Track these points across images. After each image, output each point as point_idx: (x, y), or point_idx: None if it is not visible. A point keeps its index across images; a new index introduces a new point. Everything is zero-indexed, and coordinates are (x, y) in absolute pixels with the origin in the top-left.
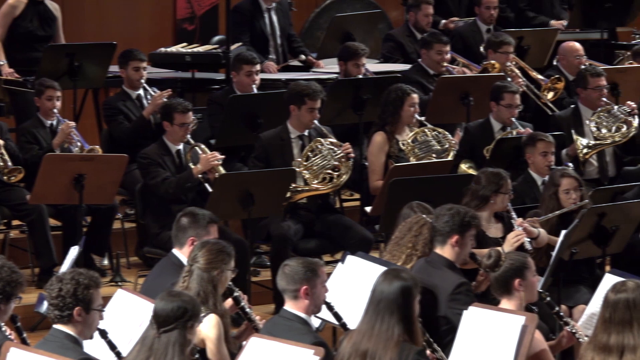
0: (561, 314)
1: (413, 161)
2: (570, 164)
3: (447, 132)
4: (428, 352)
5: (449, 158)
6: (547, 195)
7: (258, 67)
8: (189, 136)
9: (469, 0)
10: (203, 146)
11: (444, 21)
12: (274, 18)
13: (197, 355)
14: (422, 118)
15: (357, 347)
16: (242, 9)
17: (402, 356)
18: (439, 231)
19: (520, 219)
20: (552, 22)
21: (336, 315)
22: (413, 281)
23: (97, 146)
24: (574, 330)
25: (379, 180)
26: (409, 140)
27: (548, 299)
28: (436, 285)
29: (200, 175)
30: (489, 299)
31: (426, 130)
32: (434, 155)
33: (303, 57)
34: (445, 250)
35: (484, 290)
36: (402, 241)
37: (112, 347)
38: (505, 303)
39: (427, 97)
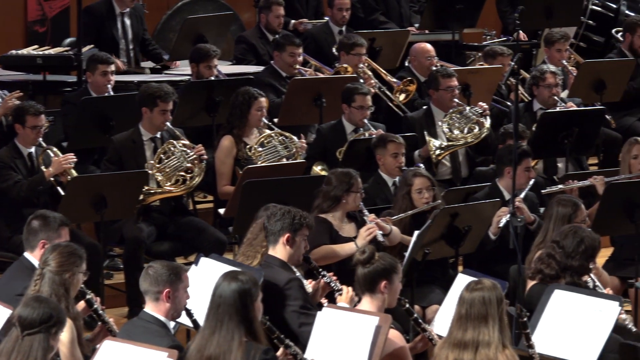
0: (419, 320)
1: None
2: (422, 165)
3: (294, 137)
4: (281, 349)
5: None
6: (400, 195)
7: (113, 67)
8: (40, 139)
9: (316, 1)
10: (55, 149)
11: (293, 22)
12: (127, 22)
13: None
14: (275, 120)
15: (202, 352)
16: (93, 11)
17: (249, 356)
18: (271, 231)
19: (373, 215)
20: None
21: (194, 323)
22: (252, 283)
23: None
24: (430, 337)
25: (227, 185)
26: (256, 145)
27: (407, 305)
28: (273, 284)
29: (52, 178)
30: None
31: (273, 134)
32: (284, 159)
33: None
34: (278, 250)
35: None
36: (255, 241)
37: None
38: (366, 302)
39: (279, 100)
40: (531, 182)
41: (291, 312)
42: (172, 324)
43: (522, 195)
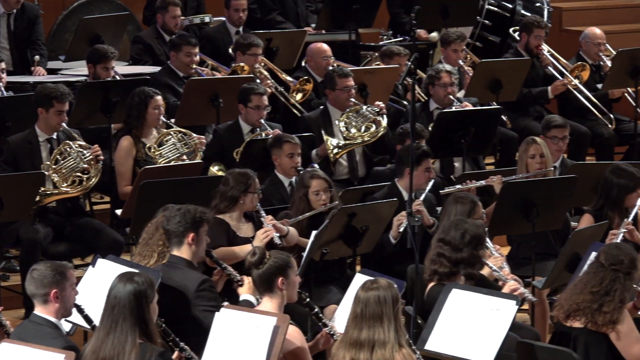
0: (320, 315)
1: (162, 164)
2: (317, 165)
3: (192, 133)
4: (176, 352)
5: (198, 160)
6: (297, 197)
7: (3, 65)
8: None
9: (196, 2)
10: None
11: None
12: (12, 23)
13: None
14: (172, 120)
15: (97, 354)
16: None
17: (145, 358)
18: (174, 232)
19: (270, 217)
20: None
21: (87, 318)
22: (147, 284)
23: None
24: (332, 332)
25: (128, 186)
26: (155, 145)
27: (308, 300)
28: (184, 284)
29: None
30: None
31: (171, 132)
32: (185, 157)
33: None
34: (183, 251)
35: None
36: (151, 241)
37: None
38: (266, 301)
39: (176, 100)
40: (430, 182)
41: (205, 312)
42: (69, 326)
43: (422, 197)
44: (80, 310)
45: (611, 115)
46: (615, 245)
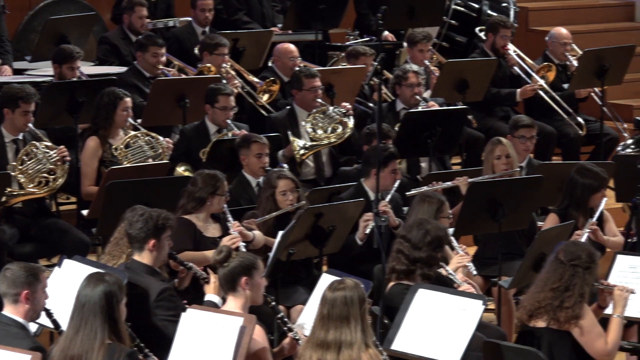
0: (285, 319)
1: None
2: (286, 165)
3: (160, 137)
4: (141, 357)
5: (165, 160)
6: (264, 197)
7: None
8: None
9: (165, 4)
10: None
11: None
12: None
13: None
14: (139, 121)
15: (66, 352)
16: None
17: (113, 358)
18: (135, 238)
19: (237, 222)
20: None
21: (55, 323)
22: (117, 284)
23: None
24: (297, 337)
25: (92, 186)
26: (122, 146)
27: (273, 303)
28: (145, 290)
29: None
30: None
31: (139, 135)
32: (150, 160)
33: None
34: (144, 256)
35: None
36: (122, 241)
37: None
38: (231, 301)
39: (142, 101)
40: (397, 183)
41: (164, 322)
42: (35, 327)
43: (388, 198)
44: (49, 315)
45: (581, 121)
46: (573, 242)
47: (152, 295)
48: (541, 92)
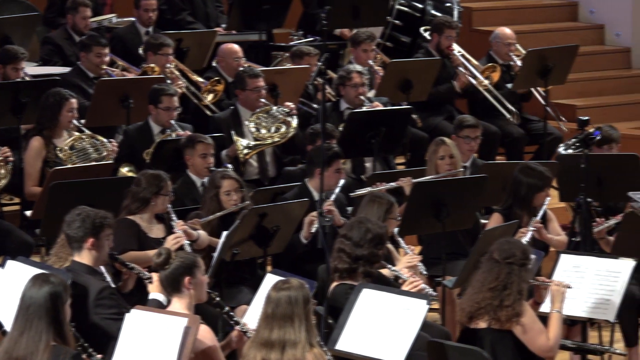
0: (231, 313)
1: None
2: (230, 165)
3: (105, 140)
4: (84, 356)
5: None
6: (208, 197)
7: None
8: None
9: (94, 3)
10: None
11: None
12: None
13: None
14: (82, 122)
15: (10, 354)
16: None
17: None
18: (73, 238)
19: (181, 221)
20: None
21: None
22: (62, 286)
23: None
24: (244, 330)
25: (35, 186)
26: (67, 147)
27: (217, 299)
28: (85, 290)
29: None
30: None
31: (84, 137)
32: (93, 162)
33: None
34: (84, 256)
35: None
36: None
37: None
38: (175, 302)
39: (85, 101)
40: (341, 182)
41: (106, 320)
42: None
43: (333, 197)
44: None
45: (515, 110)
46: (506, 240)
47: (92, 293)
48: (485, 92)
